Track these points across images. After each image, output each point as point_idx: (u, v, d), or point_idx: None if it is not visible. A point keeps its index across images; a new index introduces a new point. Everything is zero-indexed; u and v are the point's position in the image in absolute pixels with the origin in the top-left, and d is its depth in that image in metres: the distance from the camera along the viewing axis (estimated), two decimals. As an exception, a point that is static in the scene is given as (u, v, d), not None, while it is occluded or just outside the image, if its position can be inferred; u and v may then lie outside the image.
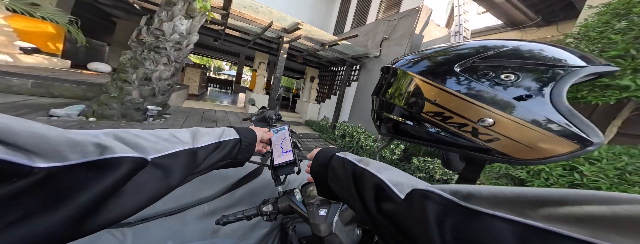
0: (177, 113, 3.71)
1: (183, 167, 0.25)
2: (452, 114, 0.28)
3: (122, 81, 2.51)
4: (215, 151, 0.31)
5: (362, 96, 4.50)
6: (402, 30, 3.72)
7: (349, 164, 0.29)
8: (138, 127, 2.50)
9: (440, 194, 0.16)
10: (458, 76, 0.28)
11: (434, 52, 0.34)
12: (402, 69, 0.35)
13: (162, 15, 2.44)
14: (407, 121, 0.34)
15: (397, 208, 0.19)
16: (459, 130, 0.28)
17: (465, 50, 0.30)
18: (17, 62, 3.43)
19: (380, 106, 0.40)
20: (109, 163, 0.17)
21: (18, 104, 2.41)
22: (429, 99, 0.30)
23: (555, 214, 0.11)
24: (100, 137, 0.18)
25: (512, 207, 0.13)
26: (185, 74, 6.34)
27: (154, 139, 0.24)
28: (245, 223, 0.47)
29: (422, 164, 2.53)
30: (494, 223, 0.13)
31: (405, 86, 0.34)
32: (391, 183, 0.22)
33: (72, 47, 4.69)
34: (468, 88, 0.27)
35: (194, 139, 0.28)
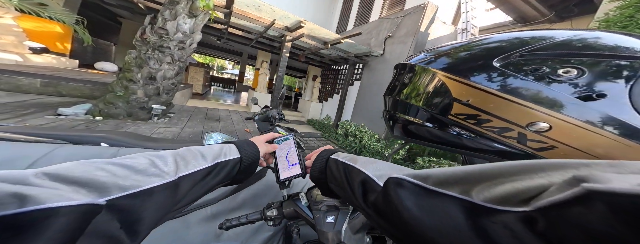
0: (181, 112, 3.75)
1: (155, 209, 0.19)
2: (491, 117, 0.24)
3: (128, 80, 2.54)
4: (208, 177, 0.25)
5: (365, 95, 4.46)
6: (407, 28, 3.65)
7: (341, 164, 0.28)
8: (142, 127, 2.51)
9: (407, 179, 0.17)
10: (498, 72, 0.24)
11: (463, 45, 0.30)
12: (420, 65, 0.32)
13: (165, 14, 2.46)
14: (427, 123, 0.30)
15: (377, 197, 0.20)
16: (499, 135, 0.24)
17: (505, 42, 0.26)
18: (26, 62, 3.52)
19: (394, 106, 0.36)
20: (33, 218, 0.12)
21: (27, 103, 2.48)
22: (459, 99, 0.26)
23: (489, 190, 0.13)
24: (28, 180, 0.14)
25: (460, 186, 0.14)
26: (189, 73, 6.41)
27: (122, 172, 0.18)
28: (249, 227, 0.46)
29: (427, 164, 2.47)
30: (445, 201, 0.14)
31: (426, 84, 0.30)
32: (374, 176, 0.22)
33: (79, 47, 4.77)
34: (513, 86, 0.23)
35: (179, 166, 0.23)
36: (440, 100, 0.28)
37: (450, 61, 0.29)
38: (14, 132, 0.42)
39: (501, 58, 0.25)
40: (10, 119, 1.96)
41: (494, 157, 0.26)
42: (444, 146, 0.29)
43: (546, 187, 0.11)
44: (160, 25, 2.46)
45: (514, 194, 0.12)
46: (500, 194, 0.12)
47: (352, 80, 4.94)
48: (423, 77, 0.31)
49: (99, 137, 0.51)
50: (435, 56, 0.31)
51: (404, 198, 0.16)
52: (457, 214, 0.13)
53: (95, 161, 0.18)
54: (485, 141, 0.26)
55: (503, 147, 0.24)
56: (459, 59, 0.29)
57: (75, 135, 0.49)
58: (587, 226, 0.08)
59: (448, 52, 0.31)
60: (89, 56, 5.30)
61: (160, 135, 2.42)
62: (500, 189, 0.12)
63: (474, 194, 0.13)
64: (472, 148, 0.27)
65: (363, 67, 4.67)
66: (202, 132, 2.82)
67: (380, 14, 4.64)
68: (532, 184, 0.11)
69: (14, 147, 0.36)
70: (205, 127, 3.11)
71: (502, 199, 0.12)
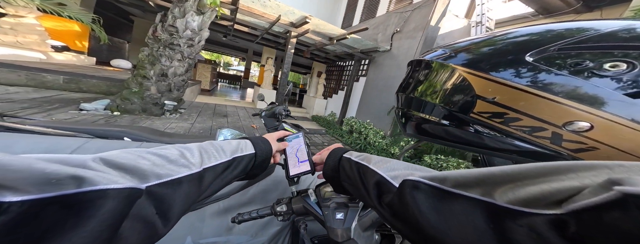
0: (191, 108, 3.89)
1: (183, 198, 0.20)
2: (521, 116, 0.22)
3: (141, 76, 2.66)
4: (226, 171, 0.27)
5: (371, 91, 4.40)
6: (416, 22, 3.52)
7: (354, 164, 0.28)
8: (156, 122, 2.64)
9: (423, 181, 0.17)
10: (531, 67, 0.22)
11: (485, 40, 0.28)
12: (438, 61, 0.30)
13: (175, 11, 2.52)
14: (444, 121, 0.28)
15: (392, 199, 0.20)
16: (529, 135, 0.22)
17: (537, 35, 0.24)
18: (49, 60, 3.74)
19: (408, 103, 0.35)
20: (88, 198, 0.13)
21: (52, 99, 2.67)
22: (483, 97, 0.24)
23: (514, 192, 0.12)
24: (86, 163, 0.15)
25: (482, 187, 0.14)
26: (198, 69, 6.55)
27: (159, 161, 0.20)
28: (258, 221, 0.47)
29: (435, 162, 2.39)
30: (464, 203, 0.14)
31: (444, 81, 0.28)
32: (389, 177, 0.22)
33: (96, 45, 5.00)
34: (549, 82, 0.21)
35: (203, 159, 0.25)
36: (461, 97, 0.26)
37: (473, 56, 0.28)
38: (45, 127, 0.46)
39: (536, 52, 0.22)
40: (39, 114, 2.13)
41: (519, 157, 0.24)
42: (462, 145, 0.27)
43: (578, 189, 0.10)
44: (170, 23, 2.53)
45: (542, 197, 0.11)
46: (526, 196, 0.12)
47: (358, 76, 4.88)
48: (441, 73, 0.29)
49: (121, 132, 0.55)
50: (455, 51, 0.29)
51: (420, 201, 0.16)
52: (477, 216, 0.13)
53: (137, 150, 0.20)
54: (511, 141, 0.24)
55: (532, 148, 0.22)
56: (483, 54, 0.27)
57: (99, 129, 0.53)
58: (623, 231, 0.08)
59: (468, 48, 0.29)
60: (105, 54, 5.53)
61: (172, 130, 2.54)
62: (526, 191, 0.12)
63: (497, 196, 0.13)
64: (494, 148, 0.25)
65: (369, 63, 4.58)
66: (211, 129, 2.92)
67: (387, 8, 4.49)
68: (562, 186, 0.11)
69: (48, 141, 0.39)
70: (213, 123, 3.22)
71: (529, 201, 0.11)
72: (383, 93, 3.99)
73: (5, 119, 0.49)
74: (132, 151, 0.19)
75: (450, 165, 2.26)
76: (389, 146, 3.12)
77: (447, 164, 2.29)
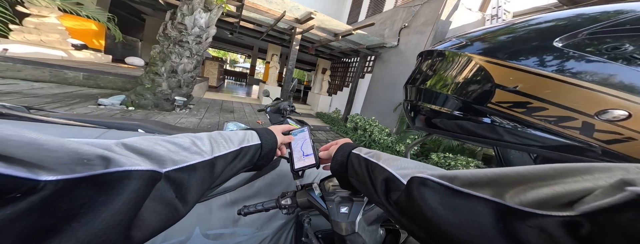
0: (200, 104, 4.02)
1: (199, 183, 0.22)
2: (547, 105, 0.21)
3: (153, 73, 2.77)
4: (235, 160, 0.28)
5: (377, 88, 4.34)
6: (425, 16, 3.40)
7: (363, 161, 0.28)
8: (167, 117, 2.76)
9: (431, 179, 0.17)
10: (559, 54, 0.20)
11: (503, 28, 0.27)
12: (451, 51, 0.29)
13: (183, 9, 2.58)
14: (457, 113, 0.27)
15: (400, 196, 0.20)
16: (555, 126, 0.21)
17: (566, 20, 0.22)
18: (70, 57, 3.97)
19: (418, 95, 0.34)
20: (115, 178, 0.14)
21: (73, 94, 2.85)
22: (503, 86, 0.23)
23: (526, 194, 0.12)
24: (111, 147, 0.16)
25: (492, 188, 0.14)
26: (205, 66, 6.70)
27: (174, 148, 0.21)
28: (264, 214, 0.49)
29: (442, 160, 2.28)
30: (473, 202, 0.14)
31: (458, 70, 0.27)
32: (399, 175, 0.22)
33: (112, 44, 5.23)
34: (580, 69, 0.19)
35: (213, 147, 0.26)
36: (478, 87, 0.25)
37: (492, 44, 0.26)
38: (68, 119, 0.50)
39: (565, 37, 0.21)
40: (61, 108, 2.30)
41: (541, 150, 0.22)
42: (476, 138, 0.26)
43: (590, 190, 0.10)
44: (179, 21, 2.60)
45: (553, 198, 0.11)
46: (538, 198, 0.11)
47: (363, 73, 4.81)
48: (455, 63, 0.28)
49: (136, 125, 0.59)
50: (470, 40, 0.28)
51: (428, 198, 0.16)
52: (486, 216, 0.13)
53: (153, 137, 0.21)
54: (534, 133, 0.22)
55: (559, 139, 0.21)
56: (503, 42, 0.25)
57: (116, 122, 0.57)
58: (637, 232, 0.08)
59: (484, 36, 0.27)
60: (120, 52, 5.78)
61: (182, 125, 2.66)
62: (538, 193, 0.12)
63: (508, 197, 0.13)
64: (511, 141, 0.23)
65: (375, 60, 4.50)
66: (218, 124, 3.02)
67: (395, 2, 4.35)
68: (576, 187, 0.11)
69: (71, 131, 0.43)
70: (221, 118, 3.32)
71: (541, 202, 0.11)
72: (389, 90, 3.92)
73: (32, 112, 0.53)
74: (149, 138, 0.21)
75: (458, 163, 2.16)
76: (395, 143, 3.07)
77: (456, 163, 2.18)
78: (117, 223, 0.13)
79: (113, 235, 0.13)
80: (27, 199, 0.11)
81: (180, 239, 0.42)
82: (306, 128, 0.43)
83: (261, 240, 0.50)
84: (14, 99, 2.24)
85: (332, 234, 0.33)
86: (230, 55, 18.77)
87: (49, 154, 0.12)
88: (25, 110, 0.52)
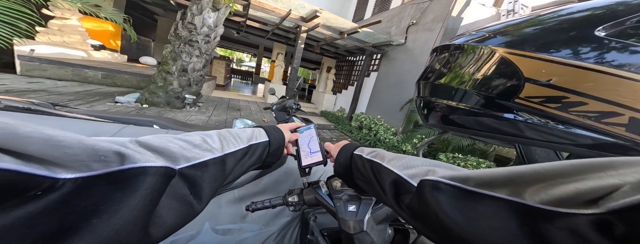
0: (208, 102, 4.14)
1: (211, 180, 0.22)
2: (587, 99, 0.19)
3: (165, 72, 2.89)
4: (244, 157, 0.28)
5: (383, 87, 4.28)
6: (435, 13, 3.29)
7: (367, 162, 0.27)
8: (178, 114, 2.88)
9: (443, 181, 0.16)
10: (603, 43, 0.19)
11: (530, 19, 0.25)
12: (471, 44, 0.27)
13: (193, 9, 2.66)
14: (477, 109, 0.25)
15: (412, 199, 0.19)
16: (596, 122, 0.19)
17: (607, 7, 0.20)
18: (89, 58, 4.21)
19: (432, 91, 0.33)
20: (130, 175, 0.14)
21: (93, 92, 3.03)
22: (534, 79, 0.21)
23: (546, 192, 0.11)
24: (125, 144, 0.16)
25: (509, 187, 0.13)
26: (213, 65, 6.86)
27: (186, 145, 0.21)
28: (270, 211, 0.49)
29: (451, 160, 2.19)
30: (490, 203, 0.13)
31: (479, 64, 0.25)
32: (407, 176, 0.21)
33: (127, 44, 5.47)
34: (629, 59, 0.18)
35: (223, 145, 0.26)
36: (503, 81, 0.23)
37: (518, 36, 0.24)
38: (89, 115, 0.55)
39: (609, 26, 0.19)
40: (83, 104, 2.46)
41: (574, 148, 0.21)
42: (497, 135, 0.24)
43: (616, 186, 0.10)
44: (189, 20, 2.68)
45: (576, 195, 0.10)
46: (559, 196, 0.11)
47: (369, 71, 4.75)
48: (475, 57, 0.26)
49: (150, 122, 0.63)
50: (492, 33, 0.27)
51: (442, 202, 0.15)
52: (508, 218, 0.12)
53: (165, 135, 0.21)
54: (569, 130, 0.20)
55: (599, 137, 0.19)
56: (531, 33, 0.24)
57: (132, 119, 0.61)
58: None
59: (507, 29, 0.26)
60: (134, 52, 6.04)
61: (192, 122, 2.76)
62: (559, 190, 0.11)
63: (528, 196, 0.12)
64: (539, 138, 0.22)
65: (381, 58, 4.43)
66: (225, 122, 3.11)
67: (403, -2, 4.24)
68: (602, 183, 0.10)
69: (92, 126, 0.46)
70: (228, 116, 3.42)
71: (562, 200, 0.11)
72: (395, 88, 3.86)
73: (57, 108, 0.58)
74: (161, 136, 0.21)
75: (468, 164, 2.07)
76: (401, 143, 3.03)
77: (465, 164, 2.09)
78: (135, 219, 0.14)
79: (133, 232, 0.14)
80: (47, 197, 0.11)
81: (191, 234, 0.43)
82: (312, 126, 0.43)
83: (267, 236, 0.51)
84: (41, 96, 2.42)
85: (339, 232, 0.33)
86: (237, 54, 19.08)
87: (67, 150, 0.12)
88: (52, 106, 0.57)
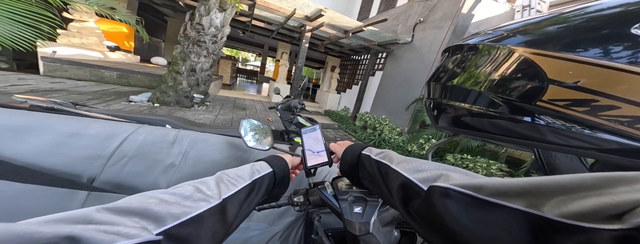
0: (215, 101, 4.26)
1: (209, 236, 0.19)
2: (620, 103, 0.18)
3: (175, 72, 3.00)
4: (250, 196, 0.26)
5: (388, 86, 4.22)
6: (444, 10, 3.19)
7: (375, 163, 0.27)
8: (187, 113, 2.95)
9: (454, 189, 0.15)
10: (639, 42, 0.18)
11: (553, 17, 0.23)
12: (487, 44, 0.26)
13: (201, 10, 2.73)
14: (493, 111, 0.24)
15: (420, 205, 0.19)
16: (629, 127, 0.18)
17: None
18: (105, 58, 4.43)
19: (443, 93, 0.32)
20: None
21: (109, 92, 3.20)
22: (559, 81, 0.20)
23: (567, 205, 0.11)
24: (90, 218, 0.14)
25: (527, 198, 0.12)
26: (220, 65, 7.01)
27: (173, 199, 0.19)
28: (275, 210, 0.50)
29: (459, 161, 2.11)
30: (505, 214, 0.12)
31: (497, 65, 0.24)
32: (416, 180, 0.20)
33: (139, 45, 5.70)
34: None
35: (221, 189, 0.23)
36: (524, 83, 0.22)
37: (540, 35, 0.23)
38: (106, 114, 0.56)
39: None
40: (100, 103, 2.60)
41: (600, 155, 0.20)
42: (513, 138, 0.23)
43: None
44: (197, 21, 2.75)
45: (600, 209, 0.10)
46: (582, 209, 0.10)
47: (374, 70, 4.70)
48: (492, 57, 0.25)
49: (163, 121, 0.67)
50: (511, 32, 0.26)
51: (453, 210, 0.15)
52: (521, 231, 0.12)
53: (149, 192, 0.19)
54: (597, 135, 0.19)
55: (629, 143, 0.18)
56: (555, 32, 0.23)
57: (146, 118, 0.65)
58: None
59: (526, 28, 0.25)
60: (146, 52, 6.29)
61: (201, 121, 2.86)
62: (582, 204, 0.10)
63: (547, 209, 0.11)
64: (560, 143, 0.21)
65: (387, 57, 4.36)
66: (232, 121, 3.19)
67: (411, -6, 4.13)
68: (628, 198, 0.09)
69: (110, 125, 0.48)
70: (234, 115, 3.50)
71: (585, 214, 0.10)
72: (401, 88, 3.80)
73: (78, 107, 0.62)
74: (143, 194, 0.19)
75: (478, 166, 1.97)
76: (406, 143, 2.96)
77: (474, 165, 1.99)
78: None
79: None
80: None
81: None
82: (318, 126, 0.43)
83: (272, 235, 0.52)
84: (62, 96, 2.59)
85: (343, 232, 0.33)
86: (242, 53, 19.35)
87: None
88: (73, 106, 0.61)
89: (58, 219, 0.13)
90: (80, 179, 0.39)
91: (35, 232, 0.11)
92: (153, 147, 0.45)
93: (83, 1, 1.95)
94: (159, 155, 0.45)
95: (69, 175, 0.38)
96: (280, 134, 1.73)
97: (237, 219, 0.24)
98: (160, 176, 0.44)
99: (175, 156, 0.46)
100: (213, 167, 0.49)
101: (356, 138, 3.70)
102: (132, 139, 0.45)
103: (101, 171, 0.40)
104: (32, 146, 0.37)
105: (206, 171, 0.48)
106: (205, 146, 0.50)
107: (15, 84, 2.63)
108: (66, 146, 0.39)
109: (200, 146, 0.49)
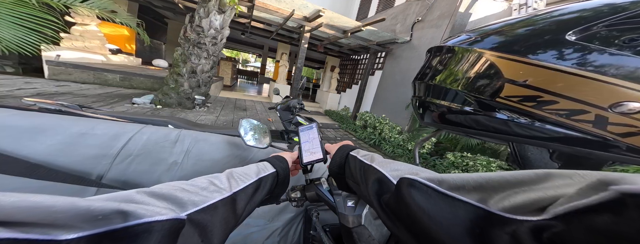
0: (216, 102, 4.29)
1: (222, 223, 0.21)
2: (558, 98, 0.20)
3: (177, 74, 3.04)
4: (256, 192, 0.28)
5: (387, 85, 4.23)
6: (442, 9, 3.19)
7: (359, 162, 0.28)
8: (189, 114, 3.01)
9: (419, 180, 0.17)
10: (573, 47, 0.20)
11: (521, 21, 0.26)
12: (461, 47, 0.29)
13: (200, 12, 2.76)
14: (466, 108, 0.27)
15: (390, 197, 0.20)
16: (567, 119, 0.20)
17: (588, 11, 0.21)
18: (108, 61, 4.49)
19: (426, 91, 0.34)
20: (135, 232, 0.14)
21: (112, 94, 3.25)
22: (513, 80, 0.23)
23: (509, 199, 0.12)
24: (132, 198, 0.16)
25: (479, 193, 0.14)
26: (220, 66, 7.05)
27: (193, 189, 0.22)
28: (275, 207, 0.51)
29: (459, 159, 2.10)
30: (456, 206, 0.14)
31: (468, 66, 0.27)
32: (391, 176, 0.22)
33: (141, 47, 5.76)
34: (594, 62, 0.19)
35: (231, 183, 0.26)
36: (487, 82, 0.25)
37: (503, 39, 0.26)
38: (111, 115, 0.58)
39: (578, 30, 0.21)
40: (104, 106, 2.65)
41: (554, 144, 0.22)
42: (487, 133, 0.26)
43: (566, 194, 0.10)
44: (197, 23, 2.79)
45: (530, 203, 0.11)
46: (516, 203, 0.11)
47: (373, 70, 4.70)
48: (464, 59, 0.28)
49: (165, 121, 0.69)
50: (482, 36, 0.28)
51: (415, 197, 0.16)
52: (465, 221, 0.13)
53: (173, 182, 0.22)
54: (545, 126, 0.22)
55: (570, 133, 0.20)
56: (514, 37, 0.25)
57: (149, 119, 0.68)
58: (618, 235, 0.07)
59: (498, 31, 0.27)
60: (147, 55, 6.35)
61: (202, 122, 2.89)
62: (518, 198, 0.12)
63: (492, 203, 0.13)
64: (523, 135, 0.23)
65: (386, 56, 4.36)
66: (232, 121, 3.22)
67: (409, -7, 4.13)
68: (554, 192, 0.10)
69: (115, 125, 0.48)
70: (235, 116, 3.54)
71: (517, 207, 0.11)
72: (401, 87, 3.80)
73: (84, 109, 0.64)
74: (171, 184, 0.22)
75: (478, 163, 1.96)
76: (406, 141, 2.97)
77: (474, 163, 1.99)
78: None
79: None
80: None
81: None
82: (314, 124, 0.44)
83: (272, 231, 0.53)
84: (68, 98, 2.64)
85: (340, 227, 0.34)
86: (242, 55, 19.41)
87: (61, 215, 0.12)
88: (79, 108, 0.63)
89: (108, 198, 0.16)
90: (89, 176, 0.41)
91: (90, 205, 0.13)
92: (156, 146, 0.47)
93: (84, 4, 1.99)
94: (162, 154, 0.47)
95: (79, 172, 0.40)
96: (280, 134, 1.76)
97: (245, 213, 0.27)
98: (163, 173, 0.46)
99: (177, 154, 0.48)
100: (214, 165, 0.50)
101: (356, 137, 3.71)
102: (136, 138, 0.46)
103: (109, 169, 0.43)
104: (45, 145, 0.40)
105: (207, 168, 0.50)
106: (206, 145, 0.52)
107: (23, 88, 2.69)
108: (76, 146, 0.42)
109: (201, 145, 0.51)
